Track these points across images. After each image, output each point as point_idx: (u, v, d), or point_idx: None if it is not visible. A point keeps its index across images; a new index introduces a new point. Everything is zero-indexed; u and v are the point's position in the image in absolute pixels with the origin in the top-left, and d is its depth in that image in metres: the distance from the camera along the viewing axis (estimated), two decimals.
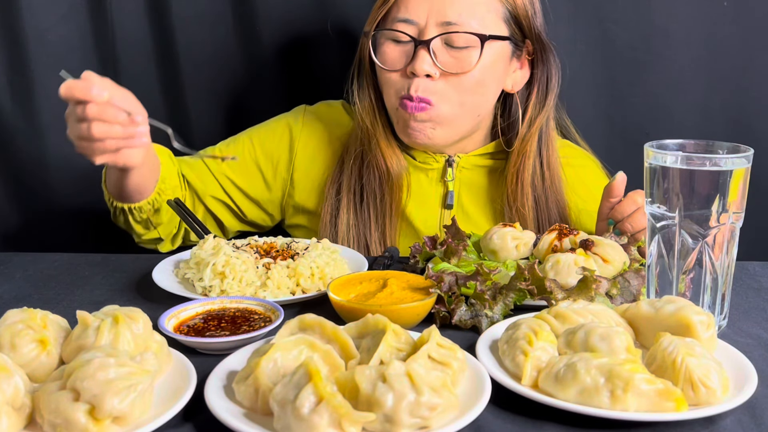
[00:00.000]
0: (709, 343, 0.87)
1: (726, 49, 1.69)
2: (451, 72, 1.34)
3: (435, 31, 1.33)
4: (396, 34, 1.35)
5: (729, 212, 0.94)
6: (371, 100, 1.44)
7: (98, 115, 1.10)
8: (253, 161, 1.52)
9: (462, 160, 1.48)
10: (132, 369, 0.73)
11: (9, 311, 0.86)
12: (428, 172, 1.49)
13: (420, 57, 1.32)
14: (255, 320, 0.99)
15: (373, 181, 1.44)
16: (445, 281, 1.04)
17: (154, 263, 1.23)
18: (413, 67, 1.33)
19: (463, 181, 1.49)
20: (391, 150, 1.44)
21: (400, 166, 1.44)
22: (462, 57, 1.34)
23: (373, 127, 1.43)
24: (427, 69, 1.32)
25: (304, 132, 1.53)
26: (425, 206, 1.49)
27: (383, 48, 1.38)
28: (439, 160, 1.48)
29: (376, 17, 1.38)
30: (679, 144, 0.99)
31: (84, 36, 1.69)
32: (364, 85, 1.45)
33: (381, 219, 1.45)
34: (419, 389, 0.71)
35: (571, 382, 0.77)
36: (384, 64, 1.37)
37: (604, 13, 1.69)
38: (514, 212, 1.44)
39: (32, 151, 1.72)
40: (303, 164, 1.52)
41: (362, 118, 1.44)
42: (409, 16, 1.34)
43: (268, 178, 1.53)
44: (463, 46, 1.33)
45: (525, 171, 1.43)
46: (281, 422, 0.71)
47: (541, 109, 1.45)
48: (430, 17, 1.33)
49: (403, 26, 1.35)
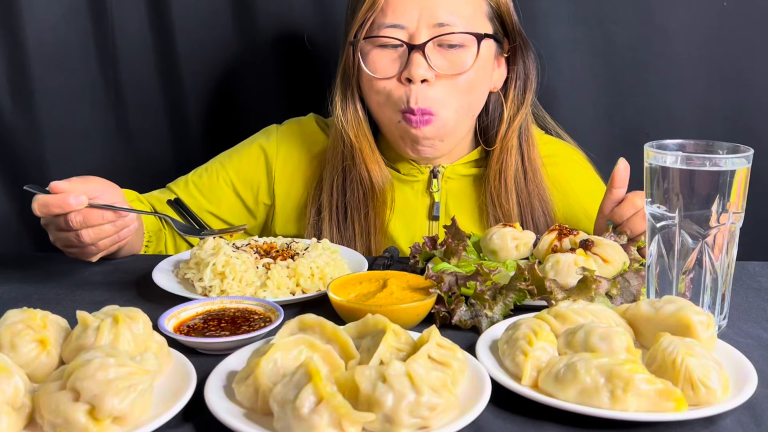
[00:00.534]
0: (709, 343, 0.87)
1: (726, 49, 1.69)
2: (446, 74, 1.31)
3: (427, 33, 1.29)
4: (386, 40, 1.31)
5: (729, 212, 0.94)
6: (356, 112, 1.39)
7: (84, 222, 1.09)
8: (231, 190, 1.49)
9: (447, 170, 1.45)
10: (132, 369, 0.73)
11: (9, 311, 0.86)
12: (413, 184, 1.46)
13: (415, 62, 1.29)
14: (255, 320, 0.99)
15: (358, 197, 1.40)
16: (445, 281, 1.04)
17: (154, 263, 1.23)
18: (409, 73, 1.29)
19: (450, 191, 1.46)
20: (375, 163, 1.40)
21: (384, 179, 1.40)
22: (456, 58, 1.31)
23: (357, 140, 1.39)
24: (424, 73, 1.29)
25: (280, 154, 1.49)
26: (411, 219, 1.46)
27: (371, 56, 1.33)
28: (424, 171, 1.45)
29: (362, 25, 1.32)
30: (679, 144, 0.99)
31: (84, 36, 1.69)
32: (348, 97, 1.39)
33: (365, 235, 1.42)
34: (419, 389, 0.71)
35: (571, 382, 0.77)
36: (375, 72, 1.33)
37: (604, 13, 1.69)
38: (499, 210, 1.42)
39: (32, 151, 1.72)
40: (283, 188, 1.49)
41: (345, 131, 1.39)
42: (398, 21, 1.30)
43: (250, 205, 1.51)
44: (457, 47, 1.31)
45: (507, 168, 1.41)
46: (281, 422, 0.71)
47: (520, 106, 1.43)
48: (421, 20, 1.29)
49: (393, 32, 1.30)
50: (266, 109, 1.77)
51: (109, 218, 1.11)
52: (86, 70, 1.71)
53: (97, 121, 1.74)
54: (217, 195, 1.49)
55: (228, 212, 1.50)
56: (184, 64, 1.74)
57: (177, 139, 1.80)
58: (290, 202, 1.49)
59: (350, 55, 1.36)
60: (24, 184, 1.73)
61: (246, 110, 1.80)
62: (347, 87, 1.39)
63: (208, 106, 1.79)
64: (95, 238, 1.12)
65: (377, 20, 1.32)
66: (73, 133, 1.73)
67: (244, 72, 1.77)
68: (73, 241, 1.12)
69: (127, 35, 1.71)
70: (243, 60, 1.77)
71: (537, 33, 1.65)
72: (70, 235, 1.11)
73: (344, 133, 1.39)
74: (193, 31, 1.72)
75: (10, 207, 1.76)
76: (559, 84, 1.71)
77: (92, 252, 1.15)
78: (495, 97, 1.44)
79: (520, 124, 1.43)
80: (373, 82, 1.34)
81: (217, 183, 1.49)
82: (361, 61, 1.34)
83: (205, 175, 1.50)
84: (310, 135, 1.51)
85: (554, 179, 1.48)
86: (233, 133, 1.64)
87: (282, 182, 1.49)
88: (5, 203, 1.75)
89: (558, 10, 1.69)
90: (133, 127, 1.77)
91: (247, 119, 1.78)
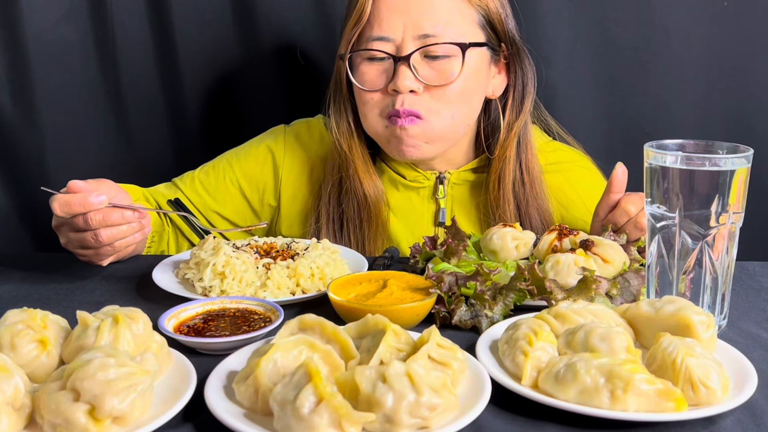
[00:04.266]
0: (708, 343, 0.87)
1: (726, 48, 1.69)
2: (433, 84, 1.31)
3: (412, 45, 1.30)
4: (373, 53, 1.32)
5: (729, 212, 0.94)
6: (348, 124, 1.41)
7: (103, 222, 1.09)
8: (237, 190, 1.50)
9: (453, 176, 1.46)
10: (132, 369, 0.73)
11: (9, 311, 0.86)
12: (419, 190, 1.46)
13: (401, 74, 1.29)
14: (255, 320, 0.99)
15: (353, 208, 1.41)
16: (445, 281, 1.04)
17: (154, 263, 1.23)
18: (395, 85, 1.30)
19: (455, 197, 1.47)
20: (368, 175, 1.40)
21: (378, 191, 1.41)
22: (443, 68, 1.31)
23: (350, 151, 1.40)
24: (410, 85, 1.29)
25: (287, 157, 1.50)
26: (417, 225, 1.46)
27: (360, 69, 1.34)
28: (430, 177, 1.45)
29: (350, 39, 1.33)
30: (679, 144, 0.99)
31: (84, 36, 1.69)
32: (341, 109, 1.41)
33: (360, 246, 1.43)
34: (419, 389, 0.71)
35: (571, 382, 0.77)
36: (363, 84, 1.34)
37: (604, 13, 1.70)
38: (497, 219, 1.41)
39: (32, 151, 1.72)
40: (289, 191, 1.49)
41: (339, 142, 1.40)
42: (384, 34, 1.30)
43: (255, 206, 1.51)
44: (443, 57, 1.30)
45: (506, 176, 1.41)
46: (281, 422, 0.71)
47: (518, 113, 1.42)
48: (406, 32, 1.30)
49: (380, 44, 1.31)
50: (266, 109, 1.77)
51: (128, 218, 1.12)
52: (86, 70, 1.71)
53: (97, 121, 1.74)
54: (222, 194, 1.49)
55: (233, 212, 1.51)
56: (184, 64, 1.74)
57: (177, 139, 1.80)
58: (296, 206, 1.50)
59: (341, 68, 1.38)
60: (24, 183, 1.75)
61: (246, 110, 1.80)
62: (339, 99, 1.41)
63: (208, 106, 1.79)
64: (113, 238, 1.11)
65: (365, 33, 1.33)
66: (73, 133, 1.73)
67: (244, 72, 1.77)
68: (90, 242, 1.11)
69: (127, 35, 1.71)
70: (243, 60, 1.77)
71: (537, 33, 1.66)
72: (87, 236, 1.11)
73: (338, 144, 1.41)
74: (193, 31, 1.72)
75: (10, 207, 1.76)
76: (559, 84, 1.71)
77: (107, 253, 1.15)
78: (496, 104, 1.44)
79: (519, 132, 1.42)
80: (362, 94, 1.35)
81: (224, 182, 1.49)
82: (350, 74, 1.35)
83: (212, 173, 1.50)
84: (318, 138, 1.51)
85: (558, 186, 1.48)
86: (233, 133, 1.65)
87: (288, 185, 1.49)
88: (5, 203, 1.75)
89: (558, 10, 1.69)
90: (133, 127, 1.77)
91: (247, 119, 1.78)
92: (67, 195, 1.08)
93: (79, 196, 1.07)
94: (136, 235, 1.15)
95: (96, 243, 1.11)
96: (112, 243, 1.12)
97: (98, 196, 1.07)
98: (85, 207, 1.07)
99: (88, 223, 1.09)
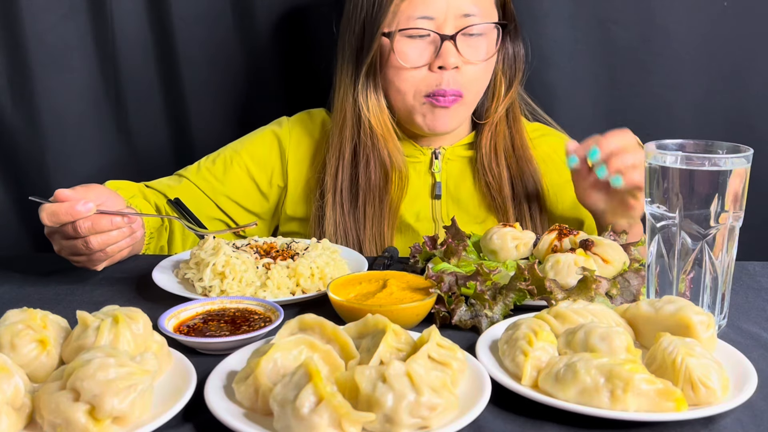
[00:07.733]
0: (708, 343, 0.87)
1: (726, 49, 1.69)
2: (472, 61, 1.39)
3: (453, 23, 1.37)
4: (416, 31, 1.37)
5: (729, 212, 0.94)
6: (378, 100, 1.45)
7: (92, 229, 1.09)
8: (245, 173, 1.52)
9: (447, 152, 1.52)
10: (132, 369, 0.73)
11: (9, 311, 0.86)
12: (416, 165, 1.52)
13: (448, 51, 1.37)
14: (255, 320, 0.99)
15: (375, 178, 1.45)
16: (445, 281, 1.04)
17: (154, 263, 1.23)
18: (443, 61, 1.37)
19: (450, 171, 1.52)
20: (394, 144, 1.46)
21: (403, 160, 1.47)
22: (478, 46, 1.40)
23: (379, 126, 1.44)
24: (455, 61, 1.37)
25: (293, 138, 1.54)
26: (415, 198, 1.51)
27: (401, 46, 1.38)
28: (426, 152, 1.52)
29: (395, 16, 1.37)
30: (679, 144, 0.99)
31: (84, 36, 1.69)
32: (370, 86, 1.44)
33: (378, 217, 1.46)
34: (419, 389, 0.71)
35: (571, 382, 0.77)
36: (406, 62, 1.39)
37: (604, 13, 1.70)
38: (492, 180, 1.48)
39: (32, 151, 1.72)
40: (295, 170, 1.53)
41: (367, 118, 1.44)
42: (428, 13, 1.37)
43: (264, 188, 1.54)
44: (477, 35, 1.39)
45: (498, 134, 1.50)
46: (281, 422, 0.71)
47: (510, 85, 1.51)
48: (449, 11, 1.36)
49: (424, 23, 1.37)
50: (266, 109, 1.76)
51: (118, 224, 1.12)
52: (86, 70, 1.71)
53: (97, 121, 1.74)
54: (230, 178, 1.52)
55: (242, 195, 1.53)
56: (184, 64, 1.74)
57: (177, 138, 1.80)
58: (301, 185, 1.53)
59: (382, 46, 1.40)
60: (24, 184, 1.75)
61: (246, 110, 1.80)
62: (375, 77, 1.43)
63: (208, 106, 1.78)
64: (103, 245, 1.12)
65: (407, 11, 1.37)
66: (73, 133, 1.72)
67: (243, 72, 1.77)
68: (81, 249, 1.12)
69: (127, 35, 1.71)
70: (243, 60, 1.77)
71: (537, 33, 1.66)
72: (77, 243, 1.11)
73: (364, 119, 1.44)
74: (193, 31, 1.72)
75: (10, 207, 1.75)
76: (559, 84, 1.71)
77: (100, 259, 1.15)
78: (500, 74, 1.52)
79: (509, 104, 1.51)
80: (401, 71, 1.40)
81: (231, 167, 1.52)
82: (392, 51, 1.38)
83: (218, 160, 1.53)
84: (321, 124, 1.56)
85: (543, 154, 1.55)
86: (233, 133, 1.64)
87: (295, 164, 1.53)
88: (5, 203, 1.75)
89: (558, 10, 1.69)
90: (133, 127, 1.77)
91: (246, 119, 1.78)
92: (54, 204, 1.09)
93: (66, 205, 1.07)
94: (127, 239, 1.15)
95: (87, 250, 1.11)
96: (103, 249, 1.13)
97: (85, 204, 1.08)
98: (72, 216, 1.07)
99: (77, 231, 1.09)
